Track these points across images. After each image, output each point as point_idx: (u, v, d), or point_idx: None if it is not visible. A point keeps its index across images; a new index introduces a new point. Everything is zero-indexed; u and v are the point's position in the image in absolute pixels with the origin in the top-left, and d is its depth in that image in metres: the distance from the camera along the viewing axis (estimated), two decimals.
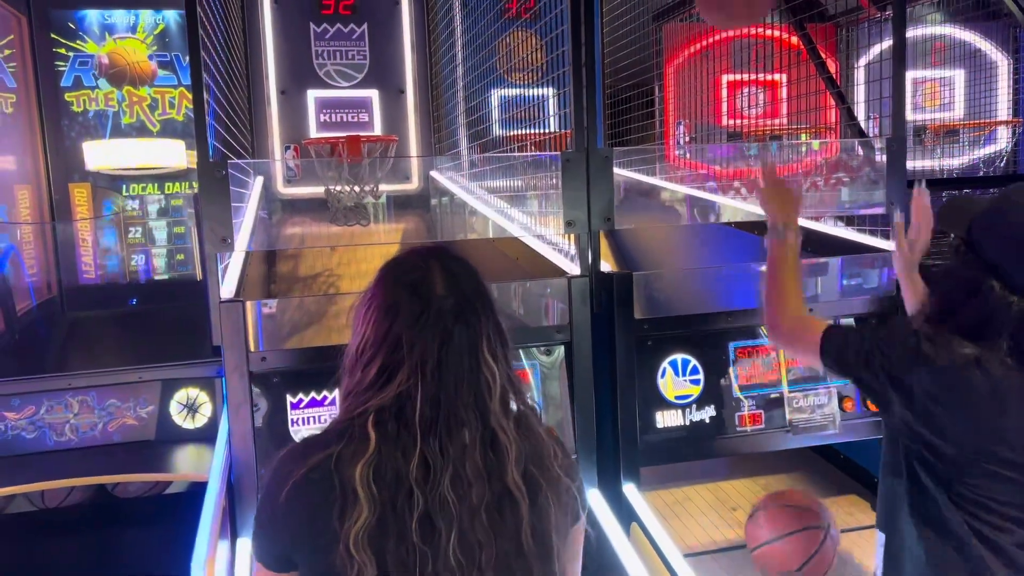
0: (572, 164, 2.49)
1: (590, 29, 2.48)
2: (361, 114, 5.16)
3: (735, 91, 4.69)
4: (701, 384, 2.59)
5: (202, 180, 2.25)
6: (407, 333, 1.25)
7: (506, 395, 1.29)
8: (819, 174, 3.20)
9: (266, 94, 5.02)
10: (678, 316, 2.58)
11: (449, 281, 1.28)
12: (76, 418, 2.78)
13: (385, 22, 5.16)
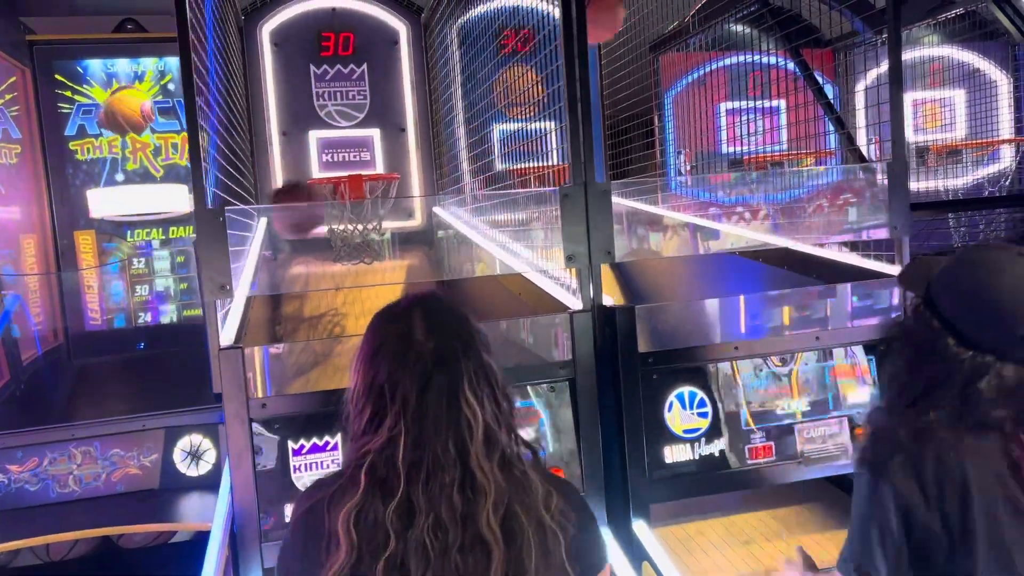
0: (571, 198, 2.48)
1: (584, 64, 2.48)
2: (363, 153, 5.19)
3: (734, 119, 4.69)
4: (709, 417, 2.55)
5: (200, 227, 2.24)
6: (389, 380, 1.29)
7: (492, 436, 1.29)
8: (822, 199, 3.18)
9: (268, 136, 5.06)
10: (683, 348, 2.55)
11: (430, 327, 1.32)
12: (79, 469, 2.76)
13: (384, 62, 5.20)
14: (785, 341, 2.63)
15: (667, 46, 4.73)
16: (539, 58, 3.83)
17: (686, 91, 4.77)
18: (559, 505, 1.31)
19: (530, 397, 2.43)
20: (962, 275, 1.46)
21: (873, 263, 2.91)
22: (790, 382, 2.63)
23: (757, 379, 2.61)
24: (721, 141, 4.81)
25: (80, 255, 4.79)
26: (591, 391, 2.43)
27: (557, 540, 1.29)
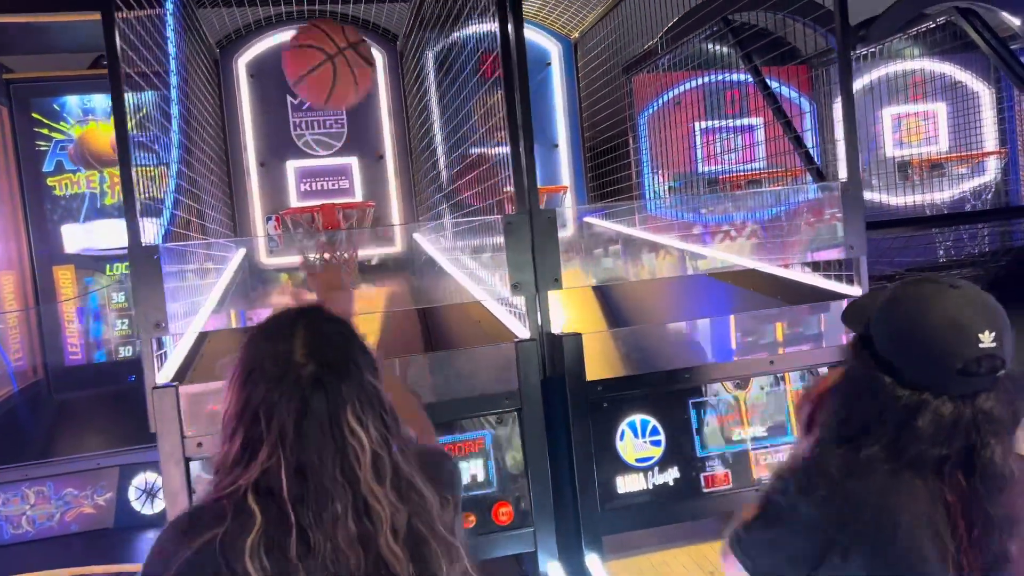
0: (515, 227, 2.46)
1: (524, 88, 2.47)
2: (341, 181, 5.19)
3: (709, 138, 4.67)
4: (662, 445, 2.50)
5: (134, 264, 2.24)
6: (264, 405, 1.21)
7: (380, 460, 1.24)
8: (784, 219, 3.14)
9: (246, 166, 5.07)
10: (634, 375, 2.51)
11: (310, 347, 1.25)
12: (32, 509, 2.75)
13: None
14: (739, 366, 2.59)
15: (639, 67, 4.71)
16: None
17: (659, 111, 4.76)
18: (451, 504, 1.33)
19: (477, 428, 2.40)
20: (893, 312, 1.43)
21: (833, 283, 2.87)
22: (745, 407, 2.58)
23: (711, 405, 2.56)
24: (697, 160, 4.78)
25: (60, 290, 4.80)
26: (538, 421, 2.39)
27: (458, 550, 1.29)
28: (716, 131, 4.69)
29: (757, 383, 2.60)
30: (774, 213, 3.09)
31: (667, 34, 4.26)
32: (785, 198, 3.27)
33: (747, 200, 3.83)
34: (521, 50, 2.47)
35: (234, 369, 1.27)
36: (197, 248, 3.52)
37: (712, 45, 4.12)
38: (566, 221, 5.45)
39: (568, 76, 5.55)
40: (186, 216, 3.52)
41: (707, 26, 3.80)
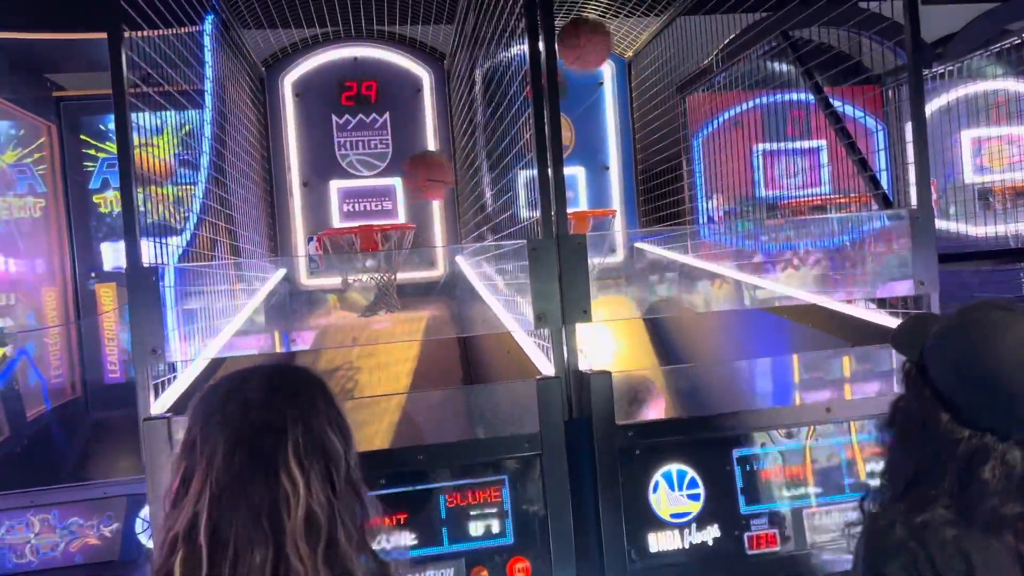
0: (540, 253, 2.25)
1: (554, 107, 2.27)
2: (385, 202, 5.08)
3: (769, 161, 4.39)
4: (701, 500, 2.23)
5: (131, 287, 2.11)
6: (201, 434, 1.11)
7: (315, 521, 1.07)
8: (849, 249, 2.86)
9: (289, 186, 5.00)
10: (670, 420, 2.27)
11: (267, 390, 1.14)
12: (37, 538, 2.63)
13: (407, 110, 5.11)
14: (791, 412, 2.31)
15: (693, 86, 4.48)
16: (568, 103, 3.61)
17: (715, 132, 4.50)
18: None
19: (494, 472, 2.18)
20: (955, 339, 1.23)
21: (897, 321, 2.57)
22: (799, 459, 2.30)
23: (759, 456, 2.29)
24: (756, 184, 4.50)
25: (101, 307, 4.79)
26: (561, 468, 2.16)
27: None
28: (777, 154, 4.41)
29: (812, 433, 2.32)
30: (837, 243, 2.81)
31: (723, 51, 4.02)
32: (849, 226, 2.99)
33: (808, 228, 3.55)
34: (552, 69, 2.27)
35: (196, 399, 1.19)
36: (221, 269, 3.42)
37: (771, 63, 3.86)
38: (615, 246, 5.26)
39: (621, 96, 5.35)
40: (211, 236, 3.42)
41: (764, 41, 3.55)
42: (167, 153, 4.80)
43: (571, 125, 5.29)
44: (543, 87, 2.28)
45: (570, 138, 5.29)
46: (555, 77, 2.27)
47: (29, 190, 4.60)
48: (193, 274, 3.03)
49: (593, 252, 4.89)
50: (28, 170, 4.61)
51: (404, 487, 2.11)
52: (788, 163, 4.42)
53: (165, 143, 4.76)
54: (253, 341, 4.22)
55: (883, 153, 3.80)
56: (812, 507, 2.26)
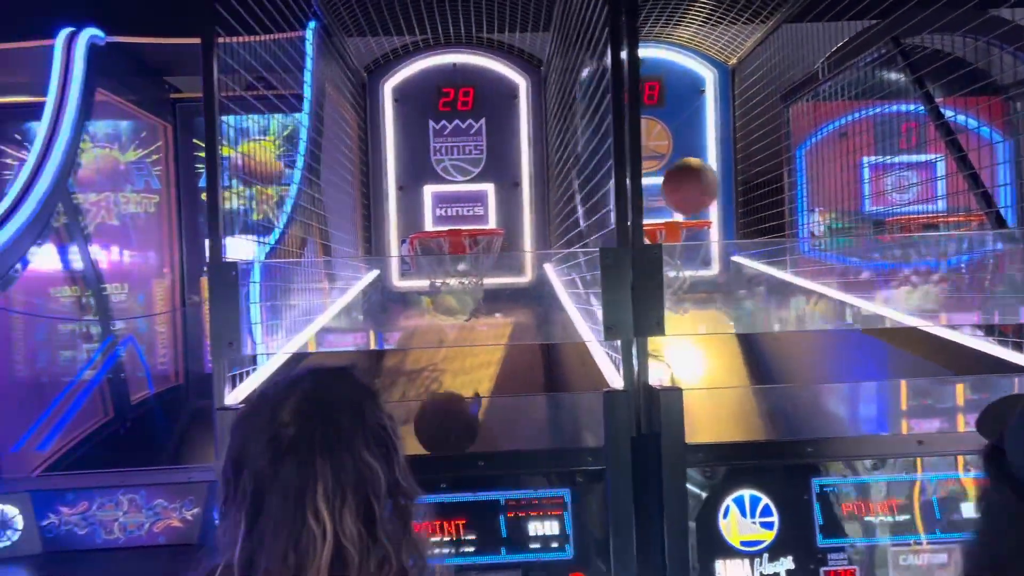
0: (614, 263, 2.18)
1: (635, 116, 2.20)
2: (476, 207, 5.11)
3: (878, 174, 4.15)
4: (775, 528, 2.12)
5: (212, 281, 2.18)
6: (236, 461, 1.09)
7: (346, 558, 1.04)
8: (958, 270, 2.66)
9: (385, 189, 5.10)
10: (744, 443, 2.16)
11: (299, 408, 1.10)
12: (124, 516, 2.76)
13: (502, 116, 5.13)
14: (878, 443, 2.16)
15: (798, 95, 4.29)
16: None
17: (820, 143, 4.29)
18: None
19: (557, 485, 2.14)
20: None
21: (1010, 353, 2.36)
22: (885, 493, 2.15)
23: (841, 487, 2.15)
24: (863, 199, 4.27)
25: (206, 299, 5.01)
26: (625, 485, 2.10)
27: None
28: (886, 167, 4.17)
29: (901, 465, 2.16)
30: (945, 264, 2.62)
31: (830, 59, 3.83)
32: (958, 246, 2.78)
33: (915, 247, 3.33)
34: (634, 76, 2.21)
35: (235, 419, 1.17)
36: (308, 267, 3.51)
37: (882, 71, 3.65)
38: (710, 259, 5.09)
39: (723, 104, 5.19)
40: (302, 235, 3.52)
41: (874, 48, 3.36)
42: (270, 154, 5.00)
43: (669, 133, 5.17)
44: (624, 96, 2.21)
45: (667, 146, 5.18)
46: (636, 86, 2.21)
47: (145, 187, 4.88)
48: (279, 270, 3.12)
49: (686, 264, 4.77)
50: (145, 168, 4.88)
51: (464, 493, 2.09)
52: (898, 177, 4.17)
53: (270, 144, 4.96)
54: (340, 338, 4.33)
55: (1005, 167, 3.53)
56: (897, 545, 2.10)
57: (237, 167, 5.07)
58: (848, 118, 4.15)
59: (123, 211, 4.86)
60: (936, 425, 2.24)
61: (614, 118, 2.24)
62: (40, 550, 2.72)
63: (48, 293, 4.22)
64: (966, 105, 3.96)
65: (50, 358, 4.17)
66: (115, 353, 4.10)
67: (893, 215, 4.15)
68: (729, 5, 4.55)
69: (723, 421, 3.14)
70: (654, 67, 5.23)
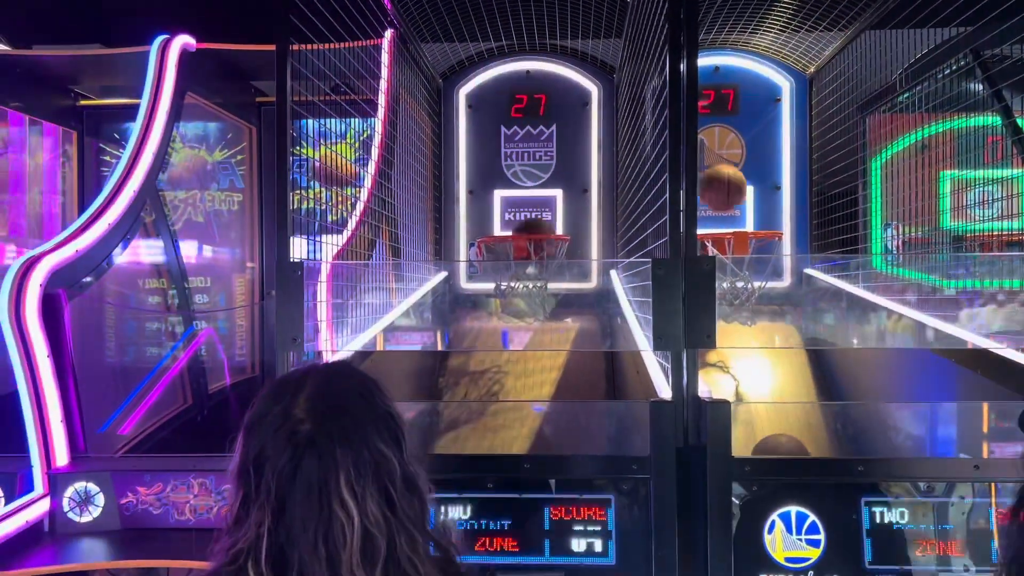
0: (665, 273, 2.20)
1: (692, 125, 2.21)
2: (544, 213, 5.16)
3: (959, 188, 4.01)
4: (822, 547, 2.10)
5: (280, 279, 2.29)
6: (256, 461, 1.14)
7: (373, 543, 1.10)
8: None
9: (456, 193, 5.20)
10: (792, 459, 2.15)
11: (313, 404, 1.16)
12: (195, 500, 2.92)
13: (574, 123, 5.16)
14: (932, 465, 2.11)
15: (875, 105, 4.18)
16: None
17: (898, 156, 4.17)
18: None
19: (601, 491, 2.17)
20: None
21: None
22: (938, 518, 2.10)
23: (892, 508, 2.11)
24: (941, 214, 4.12)
25: None
26: (669, 496, 2.11)
27: None
28: (968, 181, 4.02)
29: (956, 490, 2.11)
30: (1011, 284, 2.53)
31: (908, 69, 3.72)
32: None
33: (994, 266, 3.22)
34: (692, 76, 2.22)
35: (244, 420, 1.22)
36: (377, 268, 3.62)
37: (961, 82, 3.53)
38: (781, 271, 5.01)
39: (799, 114, 5.10)
40: (371, 237, 3.63)
41: (953, 60, 3.26)
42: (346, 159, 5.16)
43: (743, 142, 5.11)
44: (680, 107, 2.23)
45: (740, 155, 5.12)
46: (694, 98, 2.22)
47: (230, 186, 5.11)
48: (347, 270, 3.24)
49: (755, 275, 4.70)
50: (231, 168, 5.12)
51: (508, 493, 2.14)
52: (982, 191, 4.02)
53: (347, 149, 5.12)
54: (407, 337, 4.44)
55: None
56: (949, 571, 2.05)
57: (316, 169, 5.27)
58: (929, 130, 4.03)
59: (208, 208, 5.10)
60: (994, 450, 2.17)
61: (670, 129, 2.25)
62: (119, 526, 2.91)
63: (137, 285, 4.48)
64: None
65: (136, 346, 4.43)
66: (196, 344, 4.32)
67: (973, 231, 4.00)
68: (809, 12, 4.47)
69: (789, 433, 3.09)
70: (730, 75, 5.18)
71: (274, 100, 5.20)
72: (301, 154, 5.37)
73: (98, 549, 2.81)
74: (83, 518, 2.90)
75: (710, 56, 5.09)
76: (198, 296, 4.84)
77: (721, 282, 4.19)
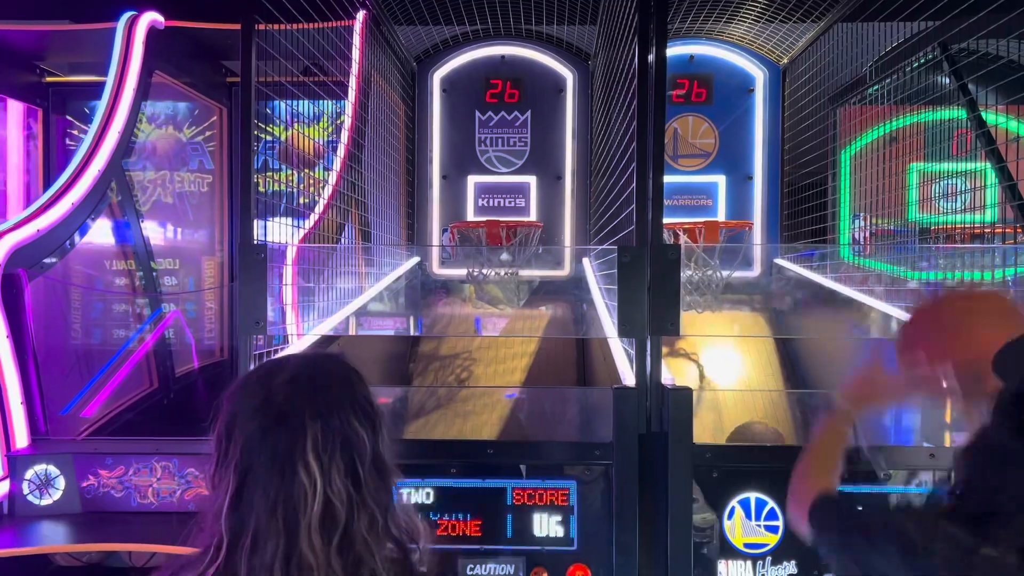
0: (631, 261, 2.21)
1: (660, 112, 2.22)
2: (518, 199, 5.15)
3: (927, 182, 4.06)
4: (780, 532, 2.13)
5: (242, 261, 2.27)
6: (228, 424, 1.15)
7: (333, 513, 1.10)
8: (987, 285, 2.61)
9: (429, 178, 5.18)
10: (751, 446, 2.17)
11: (292, 380, 1.16)
12: (159, 483, 2.89)
13: (548, 109, 5.15)
14: (889, 453, 2.14)
15: (845, 97, 4.21)
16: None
17: (868, 147, 4.21)
18: None
19: (563, 477, 2.18)
20: None
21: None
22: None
23: (848, 494, 2.14)
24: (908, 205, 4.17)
25: None
26: (631, 481, 2.13)
27: None
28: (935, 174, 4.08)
29: (915, 478, 2.14)
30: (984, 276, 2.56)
31: (878, 62, 3.75)
32: (995, 260, 2.72)
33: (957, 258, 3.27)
34: (661, 66, 2.22)
35: (226, 392, 1.23)
36: (344, 252, 3.60)
37: (930, 76, 3.57)
38: (751, 260, 5.05)
39: (772, 104, 5.13)
40: (339, 220, 3.61)
41: (921, 53, 3.29)
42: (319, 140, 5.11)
43: (716, 131, 5.13)
44: (648, 96, 2.23)
45: (713, 145, 5.14)
46: (663, 88, 2.21)
47: (200, 167, 5.04)
48: (314, 253, 3.22)
49: (726, 264, 4.73)
50: (200, 148, 5.05)
51: (472, 480, 2.15)
52: (948, 184, 4.07)
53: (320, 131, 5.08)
54: (379, 322, 4.42)
55: None
56: None
57: (285, 151, 5.21)
58: (898, 122, 4.07)
59: (178, 189, 5.03)
60: (949, 439, 2.21)
61: (638, 119, 2.25)
62: (80, 510, 2.87)
63: (103, 265, 4.41)
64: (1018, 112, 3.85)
65: (101, 328, 4.37)
66: (162, 326, 4.27)
67: (939, 224, 4.06)
68: (783, 1, 4.49)
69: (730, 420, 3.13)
70: (704, 64, 5.19)
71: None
72: (274, 135, 5.32)
73: (58, 532, 2.77)
74: (43, 501, 2.87)
75: (685, 45, 5.10)
76: (167, 278, 4.78)
77: (691, 271, 4.22)
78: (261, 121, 5.15)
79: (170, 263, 4.93)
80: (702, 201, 5.05)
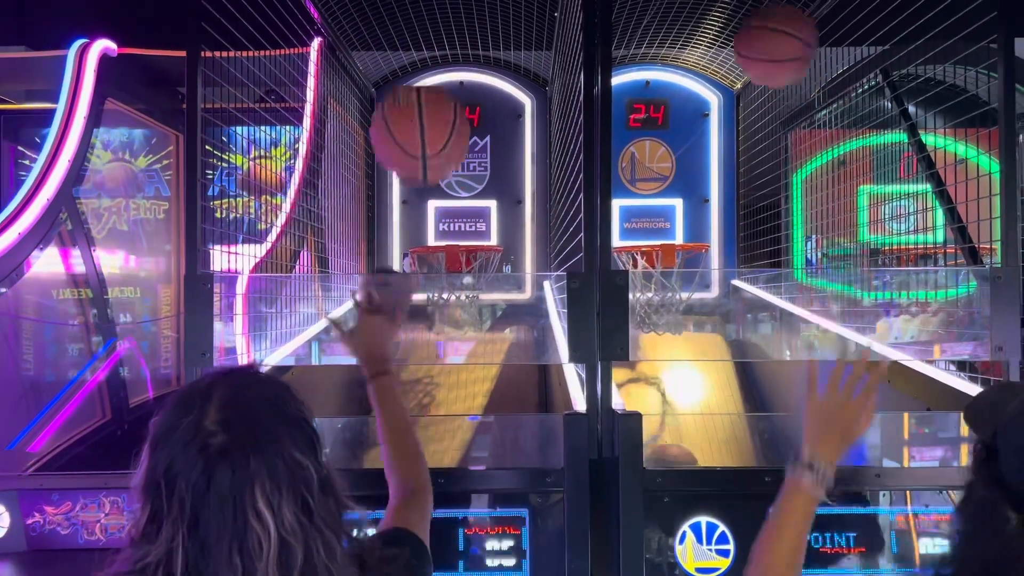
0: (580, 287, 2.22)
1: (606, 139, 2.24)
2: (479, 223, 5.16)
3: (876, 203, 4.14)
4: (731, 556, 2.13)
5: (188, 292, 2.25)
6: (166, 476, 1.09)
7: (290, 552, 1.07)
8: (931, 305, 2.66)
9: (389, 204, 5.17)
10: (702, 470, 2.18)
11: (224, 414, 1.11)
12: (106, 518, 2.82)
13: (507, 134, 5.19)
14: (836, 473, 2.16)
15: (796, 121, 4.30)
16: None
17: (819, 171, 4.30)
18: None
19: (514, 505, 2.17)
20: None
21: (979, 388, 2.36)
22: (842, 526, 2.15)
23: None
24: (859, 227, 4.26)
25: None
26: (582, 508, 2.12)
27: None
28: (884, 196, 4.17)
29: (859, 498, 2.17)
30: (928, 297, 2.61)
31: (826, 87, 3.84)
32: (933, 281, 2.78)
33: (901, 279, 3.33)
34: (607, 102, 2.24)
35: (149, 433, 1.18)
36: (299, 280, 3.57)
37: (874, 100, 3.66)
38: (709, 282, 5.10)
39: (727, 128, 5.21)
40: (293, 248, 3.58)
41: (865, 78, 3.37)
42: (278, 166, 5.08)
43: (672, 156, 5.20)
44: (595, 122, 2.25)
45: (670, 169, 5.20)
46: (609, 113, 2.24)
47: (155, 194, 4.99)
48: (268, 282, 3.19)
49: (684, 287, 4.77)
50: (156, 175, 5.00)
51: None
52: (896, 206, 4.16)
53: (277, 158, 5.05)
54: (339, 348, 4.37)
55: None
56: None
57: (245, 178, 5.18)
58: (847, 146, 4.16)
59: (134, 217, 4.97)
60: (894, 460, 2.24)
61: (584, 145, 2.28)
62: (25, 548, 2.79)
63: (53, 296, 4.33)
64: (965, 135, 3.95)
65: (52, 360, 4.27)
66: (115, 357, 4.19)
67: (889, 244, 4.14)
68: (735, 28, 4.57)
69: (715, 444, 3.15)
70: (660, 90, 5.27)
71: (205, 108, 5.10)
72: (231, 162, 5.27)
73: (3, 572, 2.69)
74: None
75: (641, 71, 5.17)
76: (122, 307, 4.70)
77: (649, 293, 4.25)
78: (218, 148, 5.13)
79: (131, 292, 4.85)
80: (660, 224, 5.10)
